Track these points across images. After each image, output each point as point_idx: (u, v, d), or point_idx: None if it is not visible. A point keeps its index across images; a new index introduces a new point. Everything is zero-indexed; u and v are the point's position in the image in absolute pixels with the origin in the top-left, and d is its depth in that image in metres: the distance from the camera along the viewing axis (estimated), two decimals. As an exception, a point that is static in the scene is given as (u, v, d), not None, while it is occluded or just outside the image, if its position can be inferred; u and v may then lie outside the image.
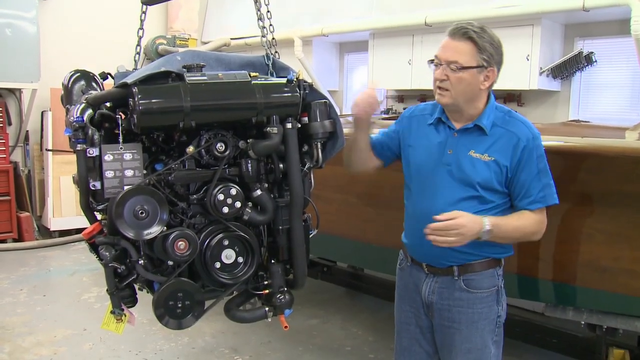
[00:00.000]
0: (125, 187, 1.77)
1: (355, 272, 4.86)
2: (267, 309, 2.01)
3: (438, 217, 1.95)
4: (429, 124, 2.18)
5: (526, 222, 2.05)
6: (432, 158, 2.13)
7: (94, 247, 1.90)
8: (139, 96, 1.72)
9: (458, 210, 1.97)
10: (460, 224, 1.93)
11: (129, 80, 1.77)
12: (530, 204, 2.04)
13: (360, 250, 3.73)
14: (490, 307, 2.14)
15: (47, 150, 7.01)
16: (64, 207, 7.06)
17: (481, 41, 1.99)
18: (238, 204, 1.89)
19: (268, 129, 1.92)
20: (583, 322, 2.82)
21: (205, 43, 8.27)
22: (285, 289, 2.03)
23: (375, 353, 3.97)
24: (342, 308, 4.82)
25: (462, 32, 1.99)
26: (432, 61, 2.09)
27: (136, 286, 1.99)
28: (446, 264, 2.14)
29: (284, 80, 1.99)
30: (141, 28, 2.37)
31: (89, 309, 4.80)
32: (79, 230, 6.97)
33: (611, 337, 2.91)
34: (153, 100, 1.75)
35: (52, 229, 7.04)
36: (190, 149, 1.86)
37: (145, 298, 2.04)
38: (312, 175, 2.11)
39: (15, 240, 6.80)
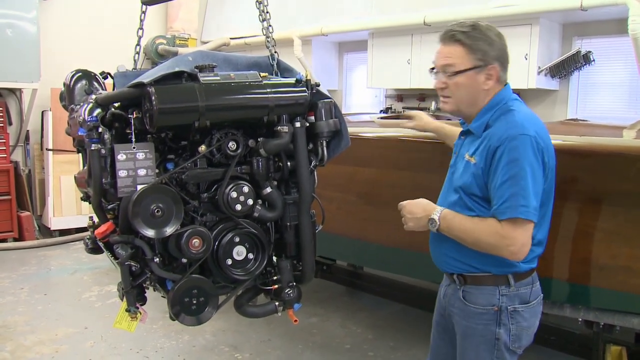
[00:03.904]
0: (138, 186, 1.79)
1: (354, 271, 4.88)
2: (277, 303, 2.05)
3: None
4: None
5: (481, 228, 1.88)
6: (450, 161, 2.17)
7: (108, 246, 1.93)
8: (156, 96, 1.74)
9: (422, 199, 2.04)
10: (403, 205, 2.03)
11: (145, 80, 1.79)
12: (495, 212, 1.86)
13: (360, 249, 3.75)
14: (486, 325, 1.99)
15: (48, 149, 7.03)
16: (64, 207, 7.08)
17: (470, 41, 1.93)
18: (250, 202, 1.93)
19: (279, 127, 1.96)
20: (580, 319, 2.83)
21: (205, 43, 8.29)
22: (294, 283, 2.07)
23: (374, 351, 3.99)
24: (342, 306, 4.84)
25: (450, 35, 1.95)
26: (432, 69, 2.06)
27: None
28: (447, 271, 2.11)
29: (292, 80, 2.03)
30: (141, 28, 2.39)
31: (90, 308, 4.82)
32: (79, 230, 7.01)
33: (608, 334, 2.92)
34: (170, 100, 1.78)
35: (52, 228, 7.06)
36: (203, 147, 1.89)
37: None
38: (315, 173, 2.15)
39: (15, 240, 6.82)
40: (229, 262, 1.94)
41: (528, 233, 1.87)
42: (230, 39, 7.74)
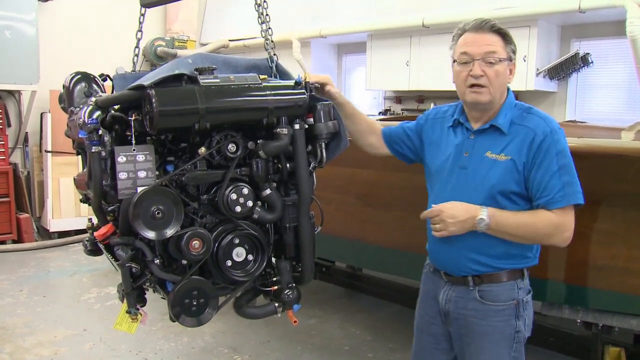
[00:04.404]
0: (139, 189, 1.79)
1: (353, 272, 4.88)
2: (276, 304, 2.05)
3: (434, 205, 2.00)
4: (449, 127, 2.15)
5: (537, 220, 1.92)
6: (449, 161, 2.09)
7: (108, 248, 1.93)
8: (156, 98, 1.75)
9: (454, 201, 1.97)
10: (438, 209, 1.95)
11: (145, 82, 1.79)
12: (548, 203, 1.90)
13: (359, 250, 3.75)
14: (506, 321, 2.03)
15: (47, 151, 7.03)
16: (63, 209, 7.08)
17: (506, 33, 1.99)
18: (250, 203, 1.93)
19: (278, 129, 1.97)
20: (579, 321, 2.84)
21: (204, 45, 8.31)
22: (293, 284, 2.07)
23: (373, 352, 4.00)
24: (341, 308, 4.84)
25: (490, 25, 1.98)
26: (454, 60, 2.04)
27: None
28: (461, 273, 2.07)
29: (292, 83, 2.04)
30: (140, 30, 2.39)
31: (89, 310, 4.82)
32: (78, 232, 7.01)
33: (607, 335, 2.93)
34: (170, 103, 1.79)
35: (51, 230, 7.06)
36: (202, 150, 1.90)
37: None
38: (314, 175, 2.15)
39: (14, 242, 6.82)
40: (229, 263, 1.94)
41: (574, 218, 1.94)
42: (230, 40, 7.75)
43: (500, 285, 2.03)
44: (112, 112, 1.85)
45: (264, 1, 2.19)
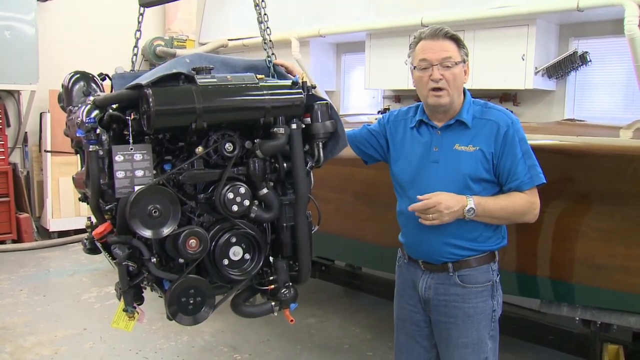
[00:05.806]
0: (136, 187, 1.80)
1: (353, 271, 4.88)
2: (273, 303, 2.06)
3: (419, 197, 2.06)
4: (412, 127, 2.27)
5: (514, 201, 2.11)
6: (419, 158, 2.21)
7: (106, 247, 1.94)
8: (153, 98, 1.75)
9: (442, 192, 2.07)
10: (436, 201, 2.04)
11: (142, 82, 1.80)
12: (519, 185, 2.10)
13: (358, 249, 3.75)
14: (485, 301, 2.19)
15: (46, 151, 7.04)
16: (62, 208, 7.09)
17: (457, 38, 2.15)
18: (247, 202, 1.94)
19: (275, 129, 1.97)
20: (577, 318, 2.84)
21: (203, 44, 8.30)
22: (290, 284, 2.08)
23: (373, 351, 4.00)
24: (340, 307, 4.85)
25: (444, 32, 2.12)
26: (414, 67, 2.19)
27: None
28: (441, 260, 2.19)
29: (289, 82, 2.05)
30: (139, 30, 2.39)
31: (89, 309, 4.83)
32: (77, 231, 7.01)
33: (605, 333, 2.93)
34: (167, 102, 1.79)
35: (51, 229, 7.07)
36: (200, 149, 1.90)
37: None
38: (312, 174, 2.16)
39: (14, 241, 6.83)
40: (226, 262, 1.95)
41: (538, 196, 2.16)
42: (229, 40, 7.74)
43: (476, 269, 2.18)
44: (110, 111, 1.86)
45: (262, 1, 2.19)
